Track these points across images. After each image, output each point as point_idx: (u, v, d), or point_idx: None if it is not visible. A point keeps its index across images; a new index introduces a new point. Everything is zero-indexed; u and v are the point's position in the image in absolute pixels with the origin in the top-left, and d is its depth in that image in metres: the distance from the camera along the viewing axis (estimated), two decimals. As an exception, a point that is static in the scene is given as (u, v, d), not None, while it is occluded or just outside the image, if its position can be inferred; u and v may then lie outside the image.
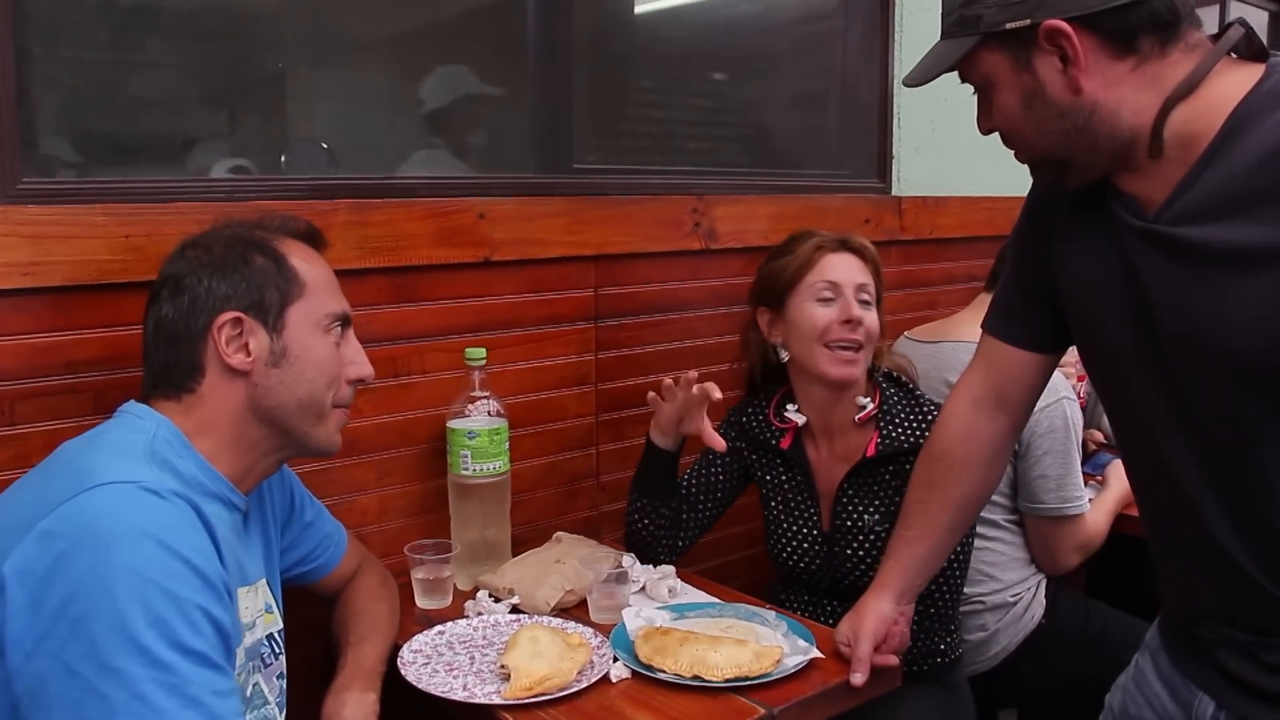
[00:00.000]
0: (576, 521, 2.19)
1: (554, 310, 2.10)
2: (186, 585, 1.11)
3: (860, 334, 1.89)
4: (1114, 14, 1.19)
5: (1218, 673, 1.33)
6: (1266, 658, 1.27)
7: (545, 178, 2.14)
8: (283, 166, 1.91)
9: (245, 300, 1.31)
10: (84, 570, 1.08)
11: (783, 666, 1.56)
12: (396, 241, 1.83)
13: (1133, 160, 1.25)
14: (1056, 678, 2.26)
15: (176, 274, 1.33)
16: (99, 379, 1.57)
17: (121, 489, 1.14)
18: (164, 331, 1.32)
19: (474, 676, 1.54)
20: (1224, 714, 1.33)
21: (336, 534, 1.65)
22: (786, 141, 2.82)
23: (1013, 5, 1.21)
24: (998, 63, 1.26)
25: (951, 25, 1.29)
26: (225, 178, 1.77)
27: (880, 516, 1.91)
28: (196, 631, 1.11)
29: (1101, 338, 1.37)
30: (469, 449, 1.86)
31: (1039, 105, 1.25)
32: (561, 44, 2.18)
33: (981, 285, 2.64)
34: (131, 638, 1.06)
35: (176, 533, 1.13)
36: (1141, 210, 1.25)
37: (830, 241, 1.97)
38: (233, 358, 1.30)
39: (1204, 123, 1.19)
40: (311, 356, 1.35)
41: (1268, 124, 1.15)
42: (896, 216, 2.76)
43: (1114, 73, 1.21)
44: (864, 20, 2.77)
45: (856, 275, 1.94)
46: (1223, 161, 1.18)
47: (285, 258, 1.35)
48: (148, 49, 1.76)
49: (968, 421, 1.60)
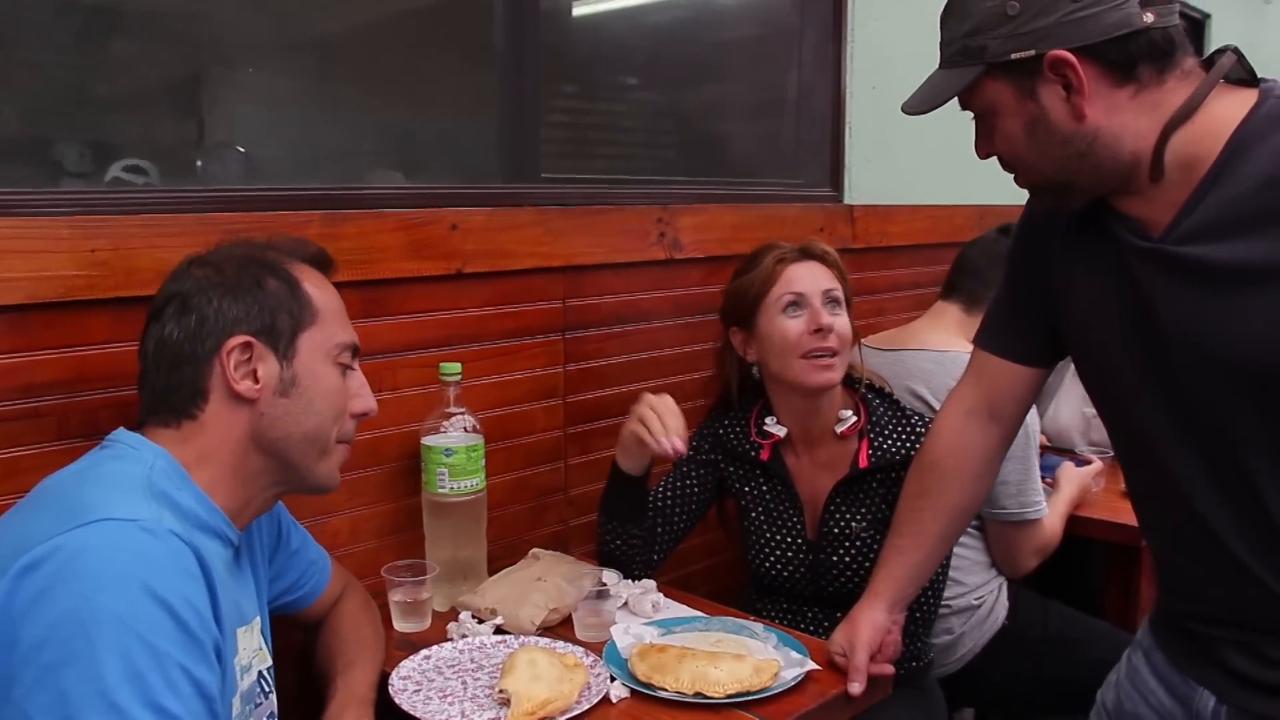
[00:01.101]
0: (546, 536, 2.15)
1: (523, 322, 2.06)
2: (170, 641, 1.04)
3: (833, 340, 1.89)
4: (1115, 44, 1.22)
5: (1219, 669, 1.36)
6: (1270, 653, 1.30)
7: (515, 187, 2.11)
8: (198, 172, 1.84)
9: (257, 324, 1.25)
10: (63, 612, 1.01)
11: (781, 680, 1.55)
12: (369, 254, 1.78)
13: (1134, 183, 1.28)
14: (1019, 677, 2.31)
15: (184, 292, 1.25)
16: (61, 402, 1.48)
17: (117, 527, 1.07)
18: (166, 352, 1.24)
19: (470, 702, 1.50)
20: (1225, 708, 1.35)
21: (321, 559, 1.59)
22: (745, 150, 2.83)
23: (1018, 36, 1.24)
24: (1002, 91, 1.28)
25: (954, 55, 1.30)
26: (195, 189, 1.69)
27: (867, 524, 1.92)
28: (175, 692, 1.04)
29: (1103, 354, 1.40)
30: (446, 466, 1.81)
31: (1042, 133, 1.28)
32: (529, 54, 2.14)
33: (930, 292, 2.69)
34: (104, 692, 0.99)
35: (169, 581, 1.06)
36: (1146, 232, 1.28)
37: (790, 252, 1.97)
38: (240, 384, 1.24)
39: (1204, 146, 1.23)
40: (320, 388, 1.29)
41: (1270, 146, 1.19)
42: (849, 225, 2.78)
43: (1115, 100, 1.25)
44: (818, 31, 2.79)
45: (821, 281, 1.94)
46: (1227, 183, 1.21)
47: (299, 283, 1.30)
48: (67, 48, 1.67)
49: (960, 432, 1.62)
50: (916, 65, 1.44)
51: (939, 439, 1.64)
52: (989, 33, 1.25)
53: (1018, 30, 1.23)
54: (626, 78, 2.53)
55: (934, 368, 2.31)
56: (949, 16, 1.31)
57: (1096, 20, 1.21)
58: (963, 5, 1.29)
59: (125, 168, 1.72)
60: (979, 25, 1.26)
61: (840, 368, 1.91)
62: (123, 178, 1.72)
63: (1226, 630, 1.34)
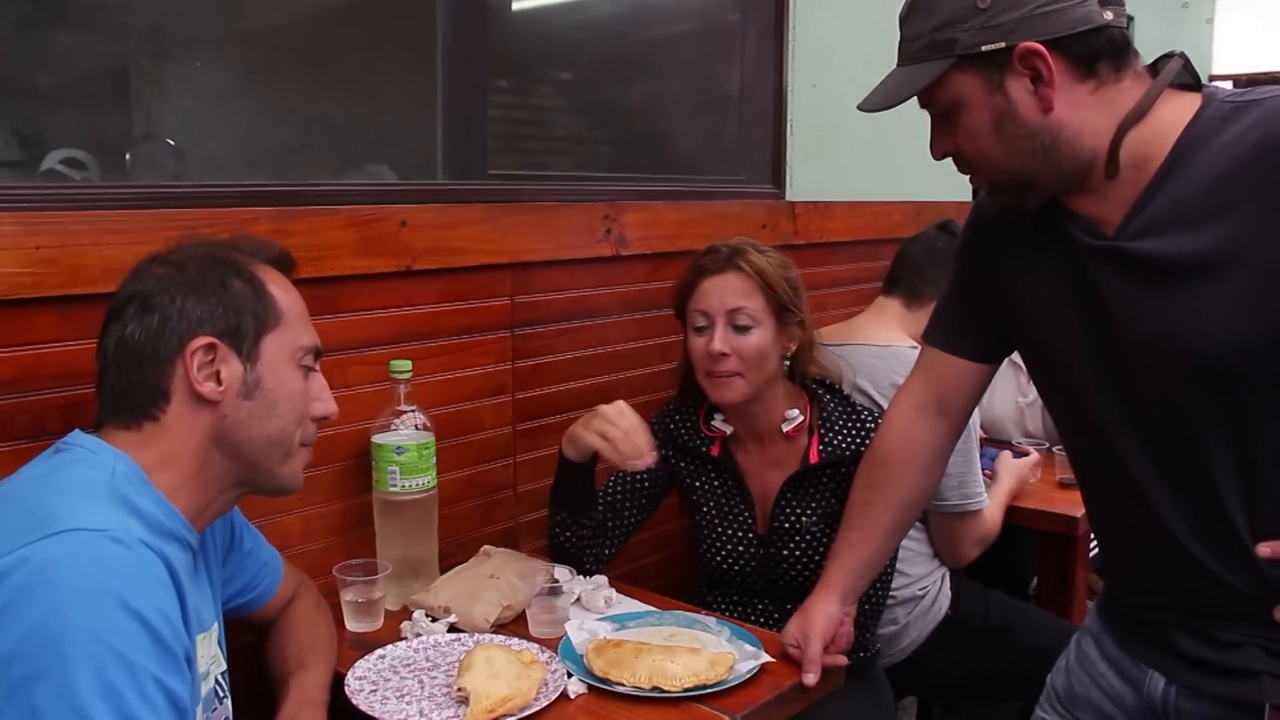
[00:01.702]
0: (495, 534, 2.15)
1: (473, 319, 2.06)
2: (144, 653, 1.03)
3: (730, 364, 1.90)
4: (1079, 38, 1.26)
5: (1168, 652, 1.41)
6: (1220, 636, 1.35)
7: (463, 184, 2.10)
8: (127, 165, 1.81)
9: (221, 325, 1.23)
10: (33, 626, 0.99)
11: (736, 672, 1.56)
12: (320, 251, 1.76)
13: (1089, 181, 1.32)
14: (963, 665, 2.35)
15: (145, 291, 1.23)
16: (6, 402, 1.45)
17: (86, 537, 1.04)
18: (127, 352, 1.22)
19: (428, 701, 1.50)
20: (1175, 688, 1.40)
21: (273, 560, 1.57)
22: (689, 147, 2.85)
23: (989, 29, 1.26)
24: (970, 84, 1.31)
25: (920, 49, 1.32)
26: (144, 185, 1.65)
27: (818, 519, 1.95)
28: (149, 705, 1.02)
29: (1055, 351, 1.44)
30: (398, 465, 1.80)
31: (1009, 125, 1.31)
32: (476, 49, 2.13)
33: (871, 288, 2.73)
34: (78, 708, 0.97)
35: (141, 591, 1.05)
36: (1098, 230, 1.33)
37: (713, 261, 1.96)
38: (203, 386, 1.22)
39: (1155, 146, 1.28)
40: (283, 390, 1.28)
41: (1216, 147, 1.24)
42: (790, 221, 2.81)
43: (1077, 95, 1.29)
44: (759, 28, 2.81)
45: (730, 299, 1.92)
46: (1176, 181, 1.26)
47: (264, 284, 1.28)
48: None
49: (909, 426, 1.65)
50: (857, 64, 1.47)
51: (889, 433, 1.67)
52: (959, 25, 1.28)
53: (988, 23, 1.26)
54: (572, 74, 2.53)
55: (876, 362, 2.34)
56: (913, 12, 1.34)
57: (1062, 15, 1.25)
58: (929, 1, 1.31)
59: (63, 160, 1.68)
60: (948, 19, 1.29)
61: (742, 386, 1.92)
62: (59, 170, 1.69)
63: (1176, 616, 1.39)
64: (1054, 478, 2.62)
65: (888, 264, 2.57)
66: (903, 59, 1.36)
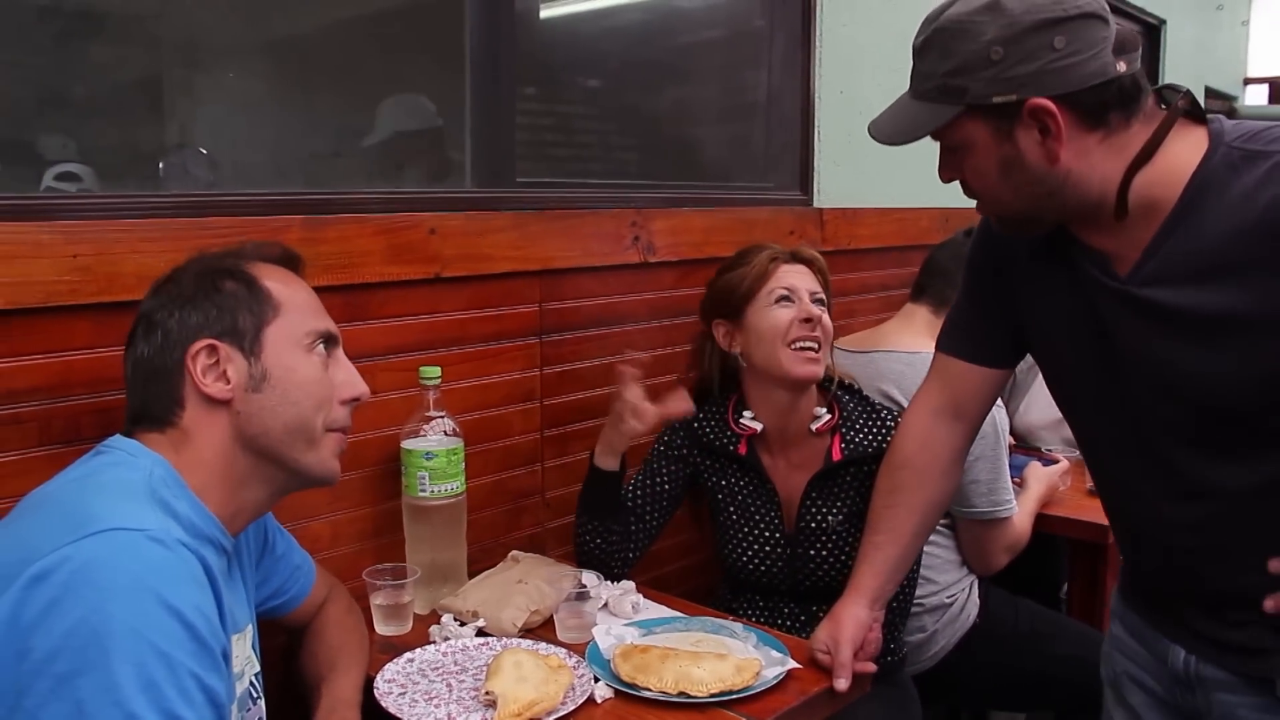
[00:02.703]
0: (523, 539, 2.16)
1: (501, 326, 2.07)
2: (183, 650, 1.05)
3: (819, 332, 1.96)
4: (1090, 91, 1.28)
5: (1184, 628, 1.47)
6: (1231, 615, 1.40)
7: (492, 192, 2.11)
8: (161, 174, 1.83)
9: (218, 327, 1.26)
10: (76, 622, 1.01)
11: (763, 679, 1.57)
12: (349, 258, 1.78)
13: (1099, 219, 1.34)
14: (991, 674, 2.34)
15: (148, 312, 1.28)
16: (43, 408, 1.48)
17: (127, 537, 1.07)
18: (140, 371, 1.26)
19: (456, 705, 1.51)
20: (1194, 659, 1.46)
21: (305, 564, 1.59)
22: (717, 154, 2.86)
23: (1001, 81, 1.27)
24: (978, 131, 1.32)
25: (932, 90, 1.33)
26: (177, 194, 1.68)
27: (843, 518, 1.96)
28: (188, 701, 1.04)
29: (1064, 365, 1.50)
30: (427, 470, 1.82)
31: (1016, 173, 1.33)
32: (504, 57, 2.15)
33: (899, 294, 2.73)
34: (120, 702, 1.00)
35: (180, 590, 1.07)
36: (1112, 268, 1.36)
37: (783, 253, 2.04)
38: (211, 386, 1.24)
39: (1163, 190, 1.30)
40: (295, 377, 1.29)
41: (1227, 199, 1.26)
42: (818, 228, 2.81)
43: (1085, 144, 1.30)
44: (787, 35, 2.82)
45: (809, 282, 2.01)
46: (1188, 229, 1.28)
47: (257, 280, 1.30)
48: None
49: (928, 430, 1.68)
50: (885, 70, 1.48)
51: (908, 438, 1.70)
52: (971, 74, 1.29)
53: (1001, 75, 1.27)
54: (600, 82, 2.55)
55: (905, 369, 2.34)
56: (928, 50, 1.34)
57: (1076, 70, 1.26)
58: (944, 43, 1.31)
59: (58, 175, 1.69)
60: (961, 66, 1.29)
61: (823, 363, 1.97)
62: (54, 186, 1.70)
63: (1188, 598, 1.46)
64: (1084, 485, 2.60)
65: (916, 270, 2.57)
66: (914, 92, 1.37)
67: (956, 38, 1.30)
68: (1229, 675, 1.42)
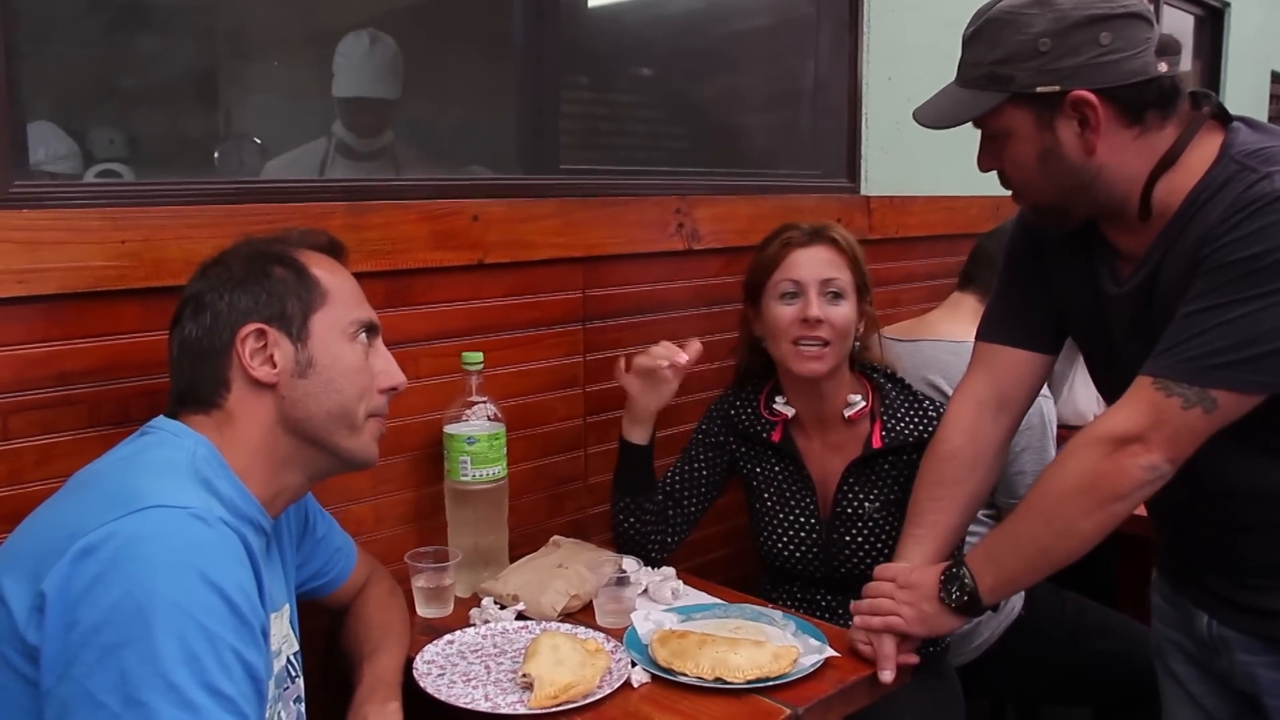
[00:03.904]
0: (565, 525, 2.17)
1: (543, 313, 2.08)
2: (224, 625, 1.08)
3: (823, 330, 1.89)
4: (1131, 88, 1.33)
5: (1206, 593, 1.55)
6: (1252, 582, 1.49)
7: (536, 179, 2.13)
8: (216, 162, 1.86)
9: (267, 312, 1.28)
10: (121, 596, 1.04)
11: (800, 666, 1.56)
12: (393, 244, 1.80)
13: (1123, 218, 1.41)
14: (1036, 667, 2.31)
15: (197, 293, 1.30)
16: (93, 390, 1.52)
17: (170, 514, 1.09)
18: (188, 351, 1.29)
19: (494, 686, 1.52)
20: (1214, 623, 1.55)
21: (346, 546, 1.62)
22: (763, 141, 2.84)
23: (1047, 71, 1.33)
24: (1021, 119, 1.38)
25: (979, 78, 1.39)
26: (222, 181, 1.71)
27: (879, 505, 1.94)
28: (228, 674, 1.07)
29: (1087, 355, 1.61)
30: (469, 454, 1.83)
31: (1053, 162, 1.39)
32: (549, 46, 2.16)
33: (947, 283, 2.69)
34: (162, 673, 1.02)
35: (221, 567, 1.09)
36: (1119, 274, 1.44)
37: (801, 235, 1.96)
38: (258, 370, 1.27)
39: (1173, 197, 1.36)
40: (340, 366, 1.31)
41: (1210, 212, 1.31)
42: (865, 216, 2.79)
43: (1121, 140, 1.36)
44: (834, 22, 2.80)
45: (822, 270, 1.92)
46: (1178, 240, 1.35)
47: (306, 268, 1.32)
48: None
49: (974, 421, 1.69)
50: (933, 57, 1.48)
51: (955, 429, 1.70)
52: (1018, 64, 1.34)
53: (1046, 66, 1.32)
54: (645, 69, 2.55)
55: (951, 358, 2.32)
56: (976, 39, 1.39)
57: (1119, 65, 1.31)
58: (993, 32, 1.36)
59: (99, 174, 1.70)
60: (1009, 55, 1.34)
61: (830, 358, 1.91)
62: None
63: (1210, 566, 1.54)
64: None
65: (964, 259, 2.54)
66: (961, 80, 1.43)
67: (1007, 28, 1.35)
68: (1247, 637, 1.50)
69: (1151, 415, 1.33)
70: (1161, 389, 1.32)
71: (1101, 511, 1.38)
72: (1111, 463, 1.36)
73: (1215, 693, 1.62)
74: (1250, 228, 1.26)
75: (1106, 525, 1.40)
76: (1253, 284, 1.26)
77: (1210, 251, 1.29)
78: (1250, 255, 1.26)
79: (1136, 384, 1.36)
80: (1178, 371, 1.31)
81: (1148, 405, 1.33)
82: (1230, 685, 1.57)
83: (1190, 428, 1.32)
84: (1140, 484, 1.36)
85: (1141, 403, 1.34)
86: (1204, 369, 1.30)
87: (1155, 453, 1.34)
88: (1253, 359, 1.28)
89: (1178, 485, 1.40)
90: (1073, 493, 1.40)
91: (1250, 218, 1.27)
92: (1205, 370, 1.30)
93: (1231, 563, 1.50)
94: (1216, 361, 1.29)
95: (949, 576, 1.56)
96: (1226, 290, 1.28)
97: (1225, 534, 1.50)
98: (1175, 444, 1.34)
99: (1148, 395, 1.33)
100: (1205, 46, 4.94)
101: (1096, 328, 1.52)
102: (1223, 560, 1.52)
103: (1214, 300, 1.29)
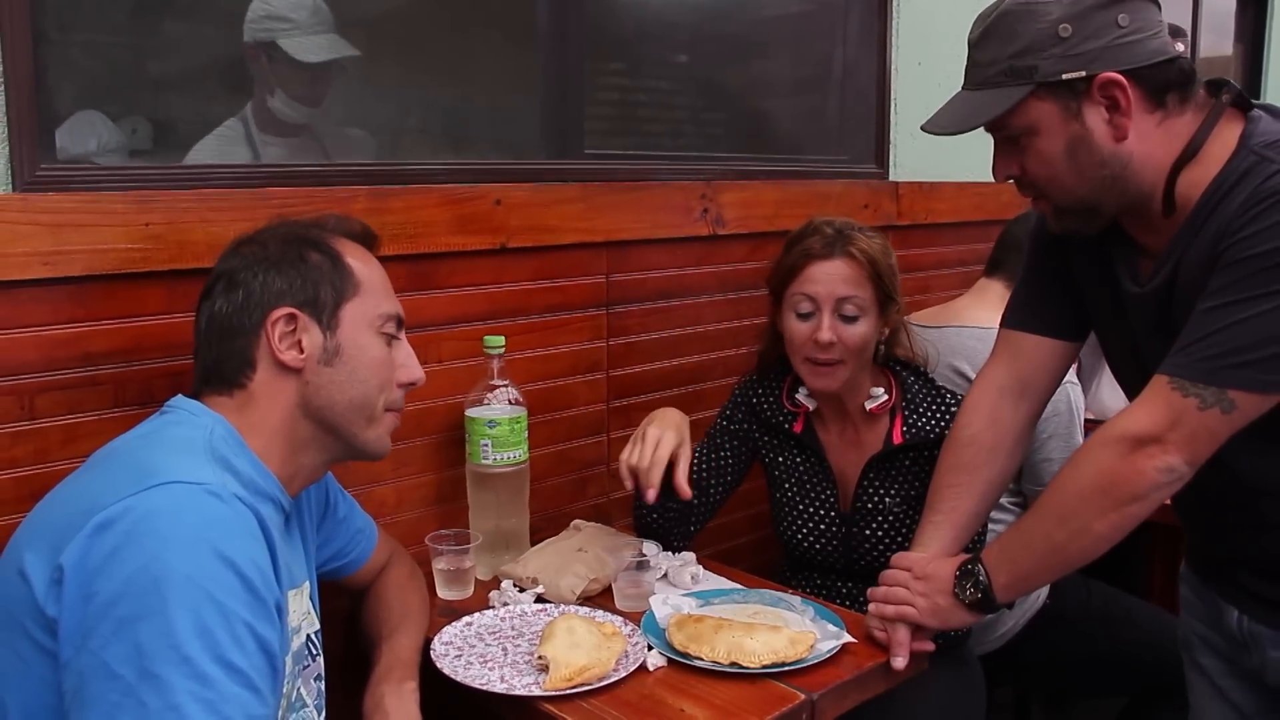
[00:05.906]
0: (587, 509, 2.18)
1: (566, 297, 2.09)
2: (237, 600, 1.09)
3: (835, 352, 1.87)
4: (1154, 69, 1.32)
5: (1236, 588, 1.53)
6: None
7: (559, 163, 2.13)
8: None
9: (300, 296, 1.29)
10: (136, 570, 1.05)
11: (816, 652, 1.56)
12: (415, 228, 1.81)
13: (1149, 215, 1.39)
14: (1060, 656, 2.29)
15: (231, 269, 1.31)
16: (118, 371, 1.54)
17: (185, 490, 1.11)
18: (216, 326, 1.30)
19: (510, 668, 1.53)
20: (1245, 619, 1.52)
21: (367, 528, 1.63)
22: (789, 126, 2.82)
23: (1071, 57, 1.30)
24: (1046, 111, 1.34)
25: (996, 75, 1.35)
26: (245, 165, 1.72)
27: (900, 500, 1.93)
28: (241, 648, 1.08)
29: (1108, 351, 1.59)
30: (490, 438, 1.84)
31: (1083, 153, 1.35)
32: (573, 30, 2.15)
33: (976, 270, 2.67)
34: (176, 645, 1.04)
35: (235, 542, 1.11)
36: (1138, 273, 1.43)
37: (821, 245, 1.90)
38: (285, 354, 1.28)
39: (1194, 190, 1.34)
40: (364, 357, 1.33)
41: (1225, 209, 1.29)
42: (894, 201, 2.77)
43: (1146, 125, 1.34)
44: (863, 6, 2.77)
45: (839, 287, 1.88)
46: (1195, 236, 1.33)
47: (341, 256, 1.33)
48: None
49: (995, 408, 1.67)
50: (961, 41, 1.45)
51: (975, 415, 1.68)
52: (1040, 53, 1.31)
53: (1069, 51, 1.30)
54: (670, 54, 2.54)
55: (977, 345, 2.29)
56: (990, 37, 1.36)
57: (1141, 45, 1.30)
58: (1008, 27, 1.33)
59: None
60: (1029, 46, 1.31)
61: (843, 374, 1.90)
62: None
63: (1240, 561, 1.52)
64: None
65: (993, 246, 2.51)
66: (974, 83, 1.39)
67: (1023, 19, 1.33)
68: (1278, 632, 1.48)
69: (1168, 415, 1.31)
70: (1178, 389, 1.30)
71: (1116, 512, 1.36)
72: (1128, 463, 1.33)
73: (1243, 686, 1.60)
74: (1267, 221, 1.24)
75: (1122, 526, 1.37)
76: (1270, 280, 1.24)
77: (1227, 246, 1.27)
78: (1267, 250, 1.24)
79: (1154, 383, 1.33)
80: (1194, 371, 1.29)
81: (1164, 405, 1.31)
82: (1259, 680, 1.55)
83: (1208, 429, 1.29)
84: (1156, 485, 1.33)
85: (1158, 402, 1.32)
86: (1220, 369, 1.27)
87: (1172, 454, 1.31)
88: (1271, 358, 1.26)
89: (1205, 483, 1.38)
90: (1088, 493, 1.38)
91: (1267, 211, 1.24)
92: (1222, 370, 1.27)
93: (1263, 559, 1.48)
94: (1233, 361, 1.26)
95: (964, 572, 1.54)
96: (1243, 287, 1.25)
97: (1256, 531, 1.47)
98: (1193, 445, 1.31)
99: (1164, 395, 1.31)
100: (1248, 30, 4.85)
101: (1119, 325, 1.50)
102: (1254, 557, 1.49)
103: (1230, 297, 1.26)
